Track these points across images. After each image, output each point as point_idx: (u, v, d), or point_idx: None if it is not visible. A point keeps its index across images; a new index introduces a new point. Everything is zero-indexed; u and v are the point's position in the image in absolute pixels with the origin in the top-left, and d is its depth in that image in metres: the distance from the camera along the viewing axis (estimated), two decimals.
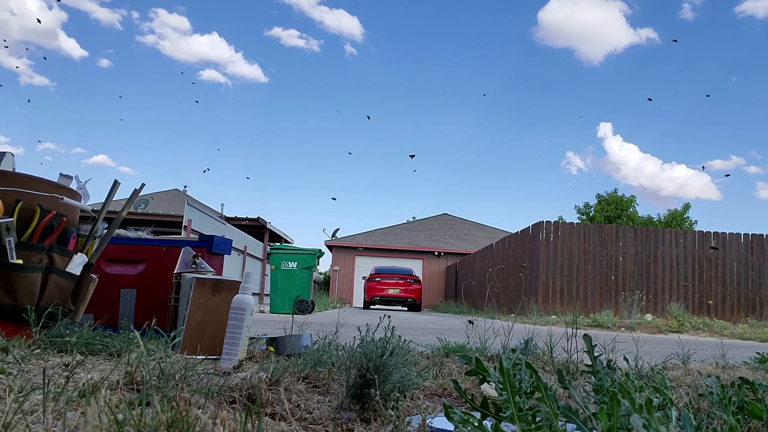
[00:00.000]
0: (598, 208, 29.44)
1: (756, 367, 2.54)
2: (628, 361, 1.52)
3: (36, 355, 1.54)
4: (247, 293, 1.69)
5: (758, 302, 12.19)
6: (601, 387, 0.96)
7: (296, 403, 1.17)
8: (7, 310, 1.85)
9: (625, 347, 2.36)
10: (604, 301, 11.82)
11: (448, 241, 28.08)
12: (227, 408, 1.08)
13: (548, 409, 0.82)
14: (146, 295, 2.42)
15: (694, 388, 1.55)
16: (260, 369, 1.52)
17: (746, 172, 44.85)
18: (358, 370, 1.17)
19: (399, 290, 18.84)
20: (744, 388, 1.07)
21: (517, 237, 14.30)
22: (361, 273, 25.16)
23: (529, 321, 8.97)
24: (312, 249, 9.69)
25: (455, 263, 24.02)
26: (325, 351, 1.69)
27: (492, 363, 2.05)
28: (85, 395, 1.02)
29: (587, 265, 12.11)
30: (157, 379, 1.18)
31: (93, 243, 2.13)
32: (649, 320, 10.15)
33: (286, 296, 9.22)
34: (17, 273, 1.84)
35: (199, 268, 2.08)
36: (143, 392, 1.00)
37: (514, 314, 10.59)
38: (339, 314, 6.35)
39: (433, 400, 1.41)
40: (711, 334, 8.71)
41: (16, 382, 1.11)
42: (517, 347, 1.11)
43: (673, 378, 1.96)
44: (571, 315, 10.30)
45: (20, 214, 1.85)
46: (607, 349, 1.99)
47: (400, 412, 1.04)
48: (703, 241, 12.46)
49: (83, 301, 2.09)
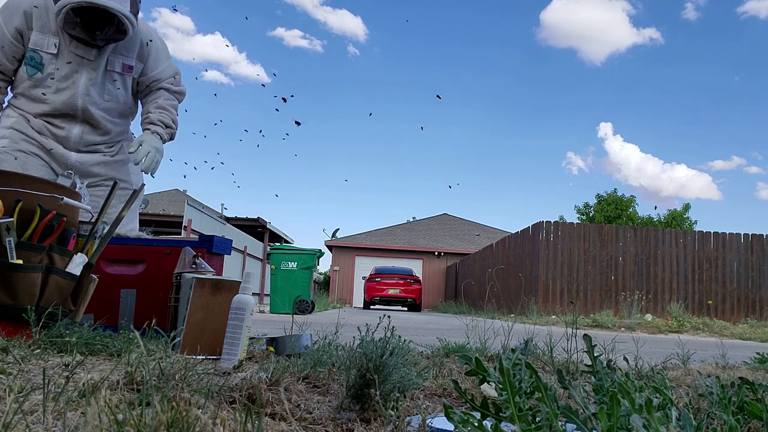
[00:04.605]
0: (597, 208, 29.43)
1: (756, 367, 2.55)
2: (628, 361, 1.52)
3: (36, 355, 1.54)
4: (247, 293, 1.69)
5: (758, 302, 12.19)
6: (601, 387, 0.96)
7: (296, 403, 1.17)
8: (7, 310, 1.85)
9: (625, 347, 2.36)
10: (604, 301, 11.82)
11: (448, 241, 28.09)
12: (227, 408, 1.08)
13: (548, 409, 0.82)
14: (146, 295, 2.42)
15: (694, 388, 1.55)
16: (260, 369, 1.52)
17: (747, 172, 44.84)
18: (358, 370, 1.17)
19: (399, 290, 18.84)
20: (744, 388, 1.07)
21: (517, 237, 14.30)
22: (361, 273, 25.17)
23: (529, 321, 8.98)
24: (312, 249, 9.69)
25: (455, 263, 24.02)
26: (325, 351, 1.69)
27: (492, 363, 2.05)
28: (85, 395, 1.02)
29: (587, 265, 12.11)
30: (157, 379, 1.18)
31: (93, 243, 2.13)
32: (649, 320, 10.15)
33: (286, 296, 9.22)
34: (17, 273, 1.84)
35: (199, 268, 2.08)
36: (143, 392, 1.00)
37: (514, 314, 10.59)
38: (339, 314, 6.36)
39: (433, 400, 1.41)
40: (711, 334, 8.71)
41: (16, 382, 1.11)
42: (517, 347, 1.11)
43: (673, 378, 1.96)
44: (571, 315, 10.30)
45: (20, 214, 1.85)
46: (607, 349, 1.99)
47: (400, 412, 1.04)
48: (703, 241, 12.46)
49: (83, 301, 2.09)
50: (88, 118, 2.84)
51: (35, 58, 2.73)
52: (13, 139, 2.83)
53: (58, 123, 2.83)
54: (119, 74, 2.90)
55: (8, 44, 2.73)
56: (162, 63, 3.04)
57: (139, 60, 2.94)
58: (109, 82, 2.87)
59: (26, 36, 2.74)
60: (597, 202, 29.74)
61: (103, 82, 2.86)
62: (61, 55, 2.74)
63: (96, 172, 2.93)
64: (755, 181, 48.09)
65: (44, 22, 2.71)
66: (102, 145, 2.95)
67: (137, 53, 2.93)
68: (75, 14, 2.62)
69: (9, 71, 2.81)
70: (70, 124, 2.83)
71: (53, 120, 2.82)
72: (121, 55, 2.88)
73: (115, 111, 2.95)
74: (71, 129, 2.84)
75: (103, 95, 2.86)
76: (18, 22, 2.71)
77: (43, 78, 2.76)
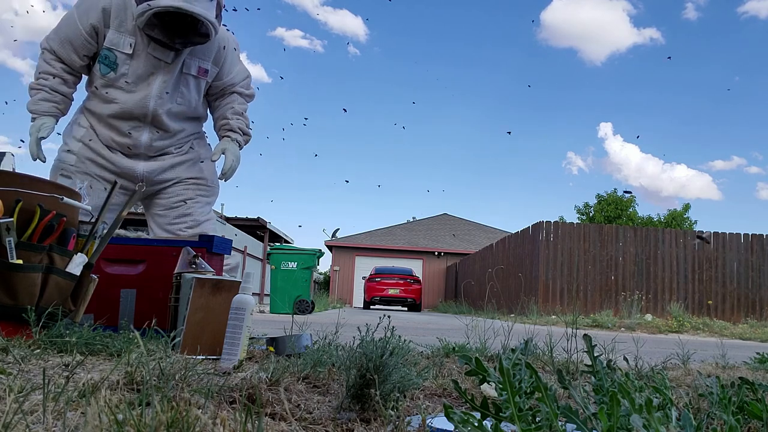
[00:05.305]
0: (597, 208, 29.44)
1: (756, 367, 2.54)
2: (628, 361, 1.52)
3: (36, 355, 1.54)
4: (247, 293, 1.69)
5: (758, 302, 12.19)
6: (601, 387, 0.96)
7: (296, 403, 1.17)
8: (7, 310, 1.85)
9: (625, 347, 2.36)
10: (604, 301, 11.81)
11: (448, 241, 28.08)
12: (227, 408, 1.08)
13: (548, 409, 0.82)
14: (146, 295, 2.42)
15: (694, 388, 1.55)
16: (260, 369, 1.52)
17: (747, 172, 44.85)
18: (358, 370, 1.17)
19: (399, 290, 18.83)
20: (744, 388, 1.07)
21: (517, 237, 14.30)
22: (361, 273, 25.15)
23: (529, 321, 8.98)
24: (312, 249, 9.69)
25: (455, 263, 24.01)
26: (325, 351, 1.69)
27: (492, 363, 2.05)
28: (85, 395, 1.02)
29: (587, 265, 12.11)
30: (157, 379, 1.18)
31: (93, 243, 2.13)
32: (649, 320, 10.15)
33: (286, 296, 9.22)
34: (17, 273, 1.84)
35: (199, 268, 2.08)
36: (143, 392, 1.00)
37: (514, 314, 10.59)
38: (339, 314, 6.36)
39: (433, 400, 1.41)
40: (711, 334, 8.71)
41: (16, 382, 1.11)
42: (517, 347, 1.11)
43: (673, 378, 1.96)
44: (571, 315, 10.30)
45: (20, 214, 1.85)
46: (607, 349, 1.99)
47: (400, 412, 1.04)
48: (703, 241, 12.46)
49: (83, 301, 2.09)
50: (158, 122, 2.77)
51: (110, 57, 2.64)
52: (80, 157, 2.77)
53: (126, 129, 2.75)
54: (194, 78, 2.82)
55: (81, 40, 2.64)
56: (236, 66, 2.98)
57: (214, 64, 2.86)
58: (183, 86, 2.80)
59: (101, 33, 2.64)
60: (597, 202, 29.75)
61: (177, 85, 2.78)
62: (136, 55, 2.65)
63: (167, 177, 2.89)
64: (755, 181, 48.11)
65: (122, 20, 2.61)
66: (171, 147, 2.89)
67: (214, 57, 2.85)
68: (157, 17, 2.53)
69: (76, 66, 2.72)
70: (138, 130, 2.76)
71: (122, 124, 2.74)
72: (198, 59, 2.79)
73: (186, 115, 2.88)
74: (140, 136, 2.76)
75: (176, 99, 2.79)
76: (95, 18, 2.61)
77: (115, 78, 2.67)
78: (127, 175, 2.82)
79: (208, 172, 3.02)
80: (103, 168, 2.79)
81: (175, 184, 2.92)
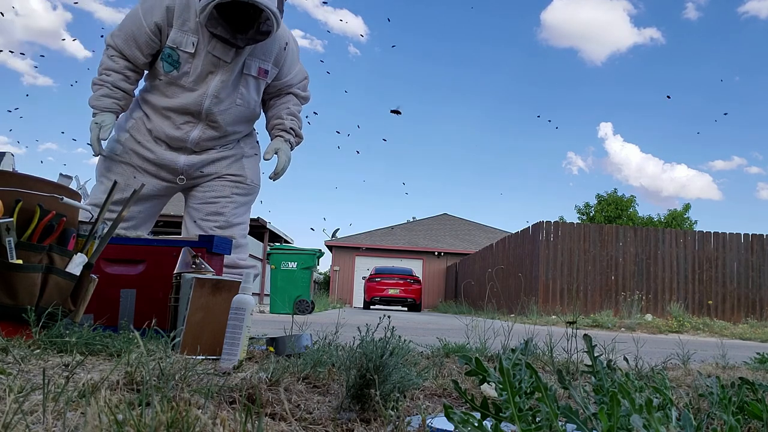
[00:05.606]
0: (598, 209, 29.44)
1: (756, 367, 2.54)
2: (628, 362, 1.52)
3: (36, 355, 1.54)
4: (247, 293, 1.69)
5: (758, 302, 12.19)
6: (601, 387, 0.96)
7: (296, 404, 1.17)
8: (7, 310, 1.85)
9: (625, 347, 2.36)
10: (604, 301, 11.81)
11: (448, 241, 28.08)
12: (227, 408, 1.08)
13: (548, 409, 0.82)
14: (146, 295, 2.42)
15: (694, 389, 1.55)
16: (260, 369, 1.52)
17: (747, 172, 44.85)
18: (358, 371, 1.17)
19: (399, 290, 18.83)
20: (744, 388, 1.07)
21: (516, 237, 14.29)
22: (361, 273, 25.16)
23: (529, 321, 8.98)
24: (312, 249, 9.69)
25: (455, 263, 24.01)
26: (325, 351, 1.69)
27: (492, 363, 2.05)
28: (85, 395, 1.02)
29: (587, 265, 12.11)
30: (157, 379, 1.18)
31: (93, 243, 2.13)
32: (649, 320, 10.15)
33: (286, 296, 9.22)
34: (17, 273, 1.84)
35: (199, 268, 2.08)
36: (143, 392, 1.00)
37: (514, 314, 10.59)
38: (339, 314, 6.36)
39: (433, 400, 1.41)
40: (711, 334, 8.71)
41: (16, 382, 1.11)
42: (517, 347, 1.11)
43: (673, 378, 1.96)
44: (571, 315, 10.30)
45: (20, 214, 1.85)
46: (607, 350, 1.99)
47: (400, 413, 1.04)
48: (703, 241, 12.46)
49: (83, 301, 2.09)
50: (211, 121, 2.77)
51: (173, 56, 2.65)
52: (125, 148, 2.79)
53: (179, 122, 2.75)
54: (254, 78, 2.80)
55: (145, 37, 2.64)
56: (295, 67, 2.96)
57: (275, 65, 2.84)
58: (243, 86, 2.78)
59: (165, 32, 2.64)
60: (597, 202, 29.75)
61: (236, 85, 2.76)
62: (197, 54, 2.65)
63: (207, 172, 2.88)
64: (755, 181, 48.11)
65: (185, 18, 2.61)
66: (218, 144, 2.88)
67: (274, 58, 2.82)
68: (219, 12, 2.51)
69: (139, 63, 2.72)
70: (190, 125, 2.76)
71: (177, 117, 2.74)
72: (258, 59, 2.78)
73: (243, 116, 2.86)
74: (191, 131, 2.76)
75: (235, 99, 2.77)
76: (159, 17, 2.61)
77: (178, 76, 2.68)
78: (168, 167, 2.82)
79: (249, 171, 3.00)
80: (145, 159, 2.81)
81: (215, 179, 2.92)
